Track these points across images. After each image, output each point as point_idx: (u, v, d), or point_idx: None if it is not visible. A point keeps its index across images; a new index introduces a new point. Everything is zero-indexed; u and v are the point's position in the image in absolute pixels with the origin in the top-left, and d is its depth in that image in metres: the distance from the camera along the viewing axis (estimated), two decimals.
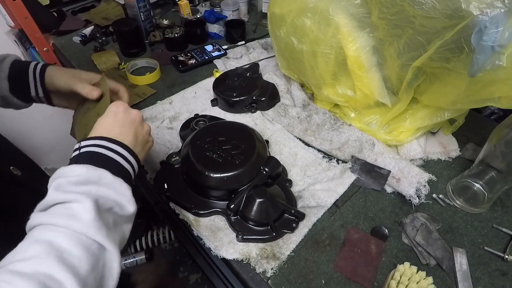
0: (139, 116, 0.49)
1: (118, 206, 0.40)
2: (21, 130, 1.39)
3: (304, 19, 0.63)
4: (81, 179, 0.37)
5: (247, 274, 0.53)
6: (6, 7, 0.97)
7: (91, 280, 0.33)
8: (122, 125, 0.45)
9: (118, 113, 0.46)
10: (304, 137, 0.72)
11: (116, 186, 0.40)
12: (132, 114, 0.48)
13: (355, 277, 0.53)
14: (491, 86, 0.49)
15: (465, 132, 0.73)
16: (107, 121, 0.45)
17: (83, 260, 0.33)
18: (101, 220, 0.36)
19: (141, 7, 0.95)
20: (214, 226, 0.58)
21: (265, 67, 0.92)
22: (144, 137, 0.49)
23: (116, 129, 0.45)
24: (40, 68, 0.60)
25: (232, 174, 0.57)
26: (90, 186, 0.37)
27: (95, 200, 0.36)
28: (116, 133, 0.44)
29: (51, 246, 0.32)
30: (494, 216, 0.61)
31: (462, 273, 0.53)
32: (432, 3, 0.47)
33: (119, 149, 0.43)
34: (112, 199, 0.39)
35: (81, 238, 0.34)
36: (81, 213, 0.35)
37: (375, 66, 0.64)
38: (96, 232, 0.35)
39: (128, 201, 0.40)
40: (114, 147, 0.42)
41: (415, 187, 0.62)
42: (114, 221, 0.39)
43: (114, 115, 0.46)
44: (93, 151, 0.41)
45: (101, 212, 0.37)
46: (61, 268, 0.31)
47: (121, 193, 0.40)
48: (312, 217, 0.59)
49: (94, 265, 0.34)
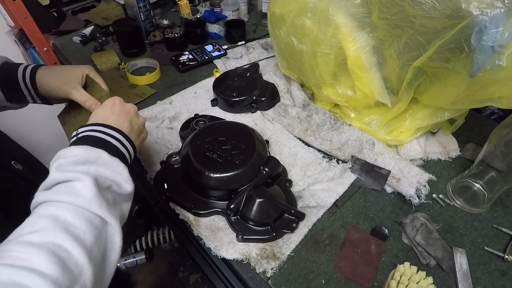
0: (134, 108, 0.52)
1: (116, 184, 0.41)
2: (22, 129, 1.39)
3: (304, 19, 0.63)
4: (79, 158, 0.39)
5: (247, 274, 0.53)
6: (6, 7, 0.97)
7: (96, 251, 0.35)
8: (118, 114, 0.48)
9: (115, 104, 0.49)
10: (304, 137, 0.72)
11: (114, 166, 0.41)
12: (127, 106, 0.51)
13: (355, 277, 0.53)
14: (491, 86, 0.49)
15: (465, 132, 0.73)
16: (104, 111, 0.48)
17: (87, 232, 0.35)
18: (102, 197, 0.38)
19: (141, 7, 0.95)
20: (214, 226, 0.58)
21: (265, 67, 0.92)
22: (139, 127, 0.51)
23: (113, 116, 0.47)
24: (30, 75, 0.58)
25: (232, 174, 0.57)
26: (88, 166, 0.39)
27: (94, 178, 0.38)
28: (112, 120, 0.47)
29: (56, 220, 0.34)
30: (494, 216, 0.61)
31: (462, 273, 0.53)
32: (432, 3, 0.47)
33: (115, 134, 0.45)
34: (110, 178, 0.40)
35: (84, 213, 0.36)
36: (82, 190, 0.37)
37: (375, 66, 0.64)
38: (97, 206, 0.36)
39: (125, 180, 0.42)
40: (110, 131, 0.44)
41: (415, 187, 0.62)
42: (113, 199, 0.41)
43: (110, 106, 0.49)
44: (90, 134, 0.43)
45: (101, 189, 0.38)
46: (68, 238, 0.33)
47: (118, 172, 0.41)
48: (312, 217, 0.59)
49: (98, 237, 0.36)
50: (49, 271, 0.30)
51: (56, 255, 0.31)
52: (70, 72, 0.60)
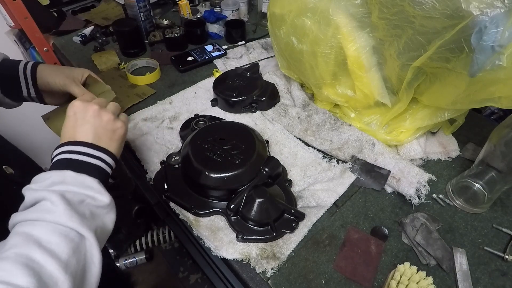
0: (94, 109, 0.48)
1: (89, 198, 0.42)
2: (21, 130, 1.40)
3: (304, 19, 0.63)
4: (47, 182, 0.40)
5: (247, 274, 0.53)
6: (6, 7, 0.97)
7: (74, 264, 0.35)
8: (80, 125, 0.47)
9: (76, 114, 0.48)
10: (304, 137, 0.72)
11: (81, 181, 0.42)
12: (89, 109, 0.48)
13: (355, 277, 0.53)
14: (491, 86, 0.49)
15: (465, 132, 0.73)
16: (66, 126, 0.48)
17: (62, 246, 0.35)
18: (73, 211, 0.38)
19: (141, 7, 0.95)
20: (214, 226, 0.58)
21: (265, 67, 0.92)
22: (105, 128, 0.48)
23: (73, 131, 0.47)
24: (31, 68, 0.61)
25: (232, 174, 0.57)
26: (55, 186, 0.40)
27: (61, 194, 0.39)
28: (77, 133, 0.46)
29: (29, 236, 0.35)
30: (494, 216, 0.61)
31: (462, 273, 0.53)
32: (432, 3, 0.47)
33: (81, 149, 0.45)
34: (81, 193, 0.41)
35: (57, 227, 0.36)
36: (51, 206, 0.37)
37: (375, 66, 0.64)
38: (68, 219, 0.37)
39: (98, 192, 0.42)
40: (75, 148, 0.44)
41: (415, 187, 0.62)
42: (90, 212, 0.41)
43: (72, 118, 0.48)
44: (59, 158, 0.44)
45: (72, 204, 0.39)
46: (41, 252, 0.33)
47: (88, 187, 0.42)
48: (312, 217, 0.59)
49: (75, 250, 0.36)
50: (25, 283, 0.30)
51: (30, 267, 0.32)
52: (70, 70, 0.63)
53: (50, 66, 0.63)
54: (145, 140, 0.72)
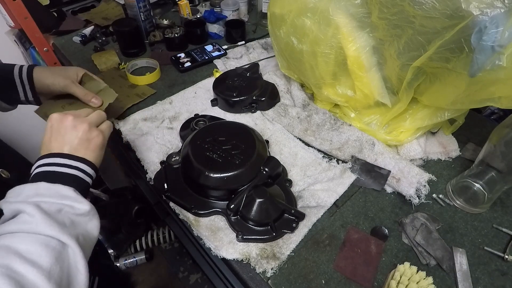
0: (69, 120, 0.48)
1: (67, 207, 0.41)
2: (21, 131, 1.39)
3: (304, 19, 0.63)
4: (22, 196, 0.40)
5: (247, 274, 0.53)
6: (6, 7, 0.97)
7: (57, 272, 0.35)
8: (54, 138, 0.47)
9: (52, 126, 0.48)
10: (304, 137, 0.72)
11: (56, 191, 0.42)
12: (65, 121, 0.48)
13: (355, 277, 0.53)
14: (491, 86, 0.49)
15: (465, 132, 0.73)
16: (43, 140, 0.48)
17: (43, 255, 0.35)
18: (52, 219, 0.38)
19: (141, 7, 0.95)
20: (214, 226, 0.58)
21: (265, 67, 0.92)
22: (80, 138, 0.48)
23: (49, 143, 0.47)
24: (27, 72, 0.62)
25: (232, 174, 0.57)
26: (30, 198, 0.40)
27: (36, 205, 0.39)
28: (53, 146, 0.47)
29: (9, 248, 0.34)
30: (494, 216, 0.61)
31: (462, 273, 0.53)
32: (432, 3, 0.47)
33: (56, 160, 0.45)
34: (57, 202, 0.41)
35: (36, 237, 0.36)
36: (28, 218, 0.37)
37: (375, 66, 0.64)
38: (47, 228, 0.37)
39: (75, 201, 0.42)
40: (50, 160, 0.45)
41: (415, 187, 0.62)
42: (71, 220, 0.41)
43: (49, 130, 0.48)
44: (35, 172, 0.44)
45: (50, 214, 0.39)
46: (21, 262, 0.33)
47: (64, 196, 0.42)
48: (312, 217, 0.59)
49: (58, 258, 0.36)
50: None
51: (12, 278, 0.32)
52: (65, 71, 0.64)
53: (45, 69, 0.64)
54: (145, 140, 0.72)
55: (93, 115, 0.52)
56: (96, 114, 0.52)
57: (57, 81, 0.63)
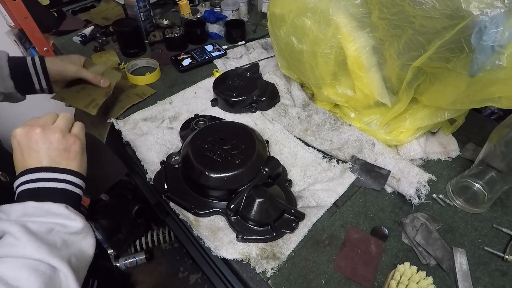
0: (36, 134, 0.44)
1: (58, 225, 0.39)
2: None
3: (304, 19, 0.63)
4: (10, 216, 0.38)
5: (247, 274, 0.53)
6: (6, 7, 0.97)
7: None
8: (27, 156, 0.43)
9: (19, 144, 0.44)
10: (304, 137, 0.72)
11: (45, 209, 0.39)
12: (31, 137, 0.44)
13: (355, 277, 0.53)
14: (491, 86, 0.49)
15: (465, 132, 0.73)
16: (15, 159, 0.45)
17: (32, 280, 0.33)
18: (40, 241, 0.36)
19: (141, 7, 0.95)
20: (214, 226, 0.58)
21: (265, 67, 0.92)
22: (58, 149, 0.44)
23: (23, 161, 0.43)
24: (40, 63, 0.65)
25: (232, 174, 0.57)
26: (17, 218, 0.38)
27: (23, 225, 0.36)
28: (26, 165, 0.43)
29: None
30: (494, 216, 0.61)
31: (462, 273, 0.53)
32: (432, 3, 0.47)
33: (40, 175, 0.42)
34: (47, 222, 0.38)
35: (24, 262, 0.34)
36: (14, 240, 0.35)
37: (375, 66, 0.64)
38: (35, 251, 0.34)
39: (67, 218, 0.40)
40: (33, 176, 0.41)
41: (415, 187, 0.62)
42: (63, 240, 0.38)
43: (17, 150, 0.44)
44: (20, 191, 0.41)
45: (39, 235, 0.36)
46: None
47: (54, 214, 0.39)
48: (312, 217, 0.59)
49: (47, 283, 0.34)
50: None
51: None
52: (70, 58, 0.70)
53: (54, 58, 0.68)
54: (145, 140, 0.72)
55: (61, 121, 0.47)
56: (63, 119, 0.47)
57: (68, 68, 0.68)
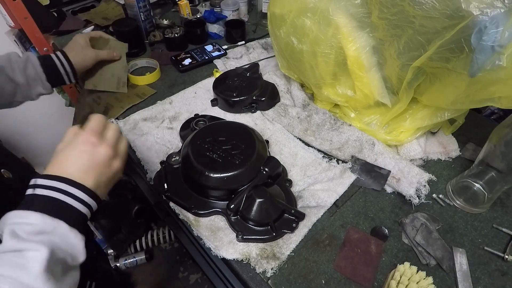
0: (107, 155, 0.43)
1: (70, 256, 0.38)
2: (21, 130, 1.40)
3: (304, 19, 0.63)
4: (36, 228, 0.36)
5: (247, 274, 0.53)
6: (6, 7, 0.97)
7: None
8: (86, 166, 0.41)
9: (84, 151, 0.42)
10: (304, 137, 0.72)
11: (71, 238, 0.38)
12: (100, 154, 0.42)
13: (355, 277, 0.53)
14: (491, 86, 0.49)
15: (465, 132, 0.73)
16: (71, 156, 0.41)
17: None
18: (50, 272, 0.35)
19: (141, 7, 0.95)
20: (214, 226, 0.58)
21: (265, 67, 0.92)
22: (109, 177, 0.44)
23: (79, 168, 0.41)
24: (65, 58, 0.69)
25: (232, 174, 0.57)
26: (44, 236, 0.36)
27: (50, 249, 0.35)
28: (78, 174, 0.40)
29: None
30: (494, 216, 0.61)
31: (462, 273, 0.53)
32: (432, 3, 0.47)
33: (79, 194, 0.39)
34: (65, 250, 0.37)
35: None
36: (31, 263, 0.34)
37: (375, 66, 0.64)
38: (43, 284, 0.33)
39: (79, 252, 0.39)
40: (73, 191, 0.39)
41: (415, 187, 0.62)
42: (62, 269, 0.38)
43: (79, 151, 0.42)
44: (50, 196, 0.38)
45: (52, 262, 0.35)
46: None
47: (74, 245, 0.38)
48: (312, 217, 0.59)
49: None
50: None
51: None
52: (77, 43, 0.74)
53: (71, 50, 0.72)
54: (145, 140, 0.72)
55: (111, 133, 0.45)
56: (114, 131, 0.45)
57: (87, 55, 0.73)
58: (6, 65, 0.62)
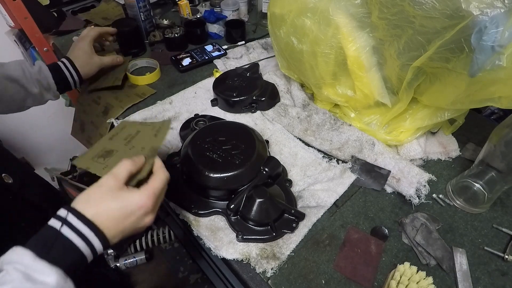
0: (150, 222, 0.43)
1: None
2: (21, 130, 1.40)
3: (304, 19, 0.63)
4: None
5: (247, 274, 0.53)
6: (6, 7, 0.97)
7: None
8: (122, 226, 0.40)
9: (134, 213, 0.40)
10: (304, 137, 0.72)
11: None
12: (145, 223, 0.42)
13: (355, 277, 0.53)
14: (491, 86, 0.49)
15: (465, 132, 0.73)
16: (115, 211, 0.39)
17: None
18: None
19: (141, 7, 0.95)
20: (214, 226, 0.58)
21: (265, 67, 0.92)
22: (132, 232, 0.42)
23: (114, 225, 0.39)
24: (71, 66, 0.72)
25: (232, 174, 0.57)
26: None
27: None
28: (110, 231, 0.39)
29: None
30: (494, 216, 0.61)
31: (462, 273, 0.53)
32: (432, 3, 0.47)
33: (98, 247, 0.38)
34: None
35: None
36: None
37: (375, 66, 0.64)
38: None
39: None
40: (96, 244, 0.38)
41: (415, 187, 0.62)
42: None
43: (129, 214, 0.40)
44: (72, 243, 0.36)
45: None
46: None
47: None
48: (312, 217, 0.59)
49: None
50: None
51: None
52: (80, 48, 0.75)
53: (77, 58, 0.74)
54: None
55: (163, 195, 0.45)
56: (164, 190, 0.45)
57: (94, 64, 0.76)
58: (21, 76, 0.65)
